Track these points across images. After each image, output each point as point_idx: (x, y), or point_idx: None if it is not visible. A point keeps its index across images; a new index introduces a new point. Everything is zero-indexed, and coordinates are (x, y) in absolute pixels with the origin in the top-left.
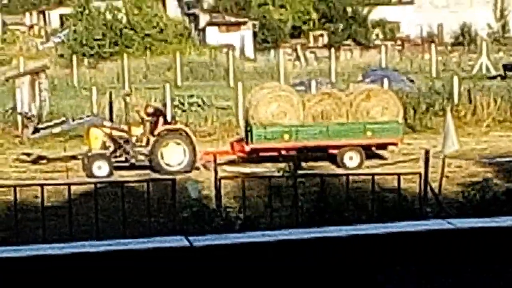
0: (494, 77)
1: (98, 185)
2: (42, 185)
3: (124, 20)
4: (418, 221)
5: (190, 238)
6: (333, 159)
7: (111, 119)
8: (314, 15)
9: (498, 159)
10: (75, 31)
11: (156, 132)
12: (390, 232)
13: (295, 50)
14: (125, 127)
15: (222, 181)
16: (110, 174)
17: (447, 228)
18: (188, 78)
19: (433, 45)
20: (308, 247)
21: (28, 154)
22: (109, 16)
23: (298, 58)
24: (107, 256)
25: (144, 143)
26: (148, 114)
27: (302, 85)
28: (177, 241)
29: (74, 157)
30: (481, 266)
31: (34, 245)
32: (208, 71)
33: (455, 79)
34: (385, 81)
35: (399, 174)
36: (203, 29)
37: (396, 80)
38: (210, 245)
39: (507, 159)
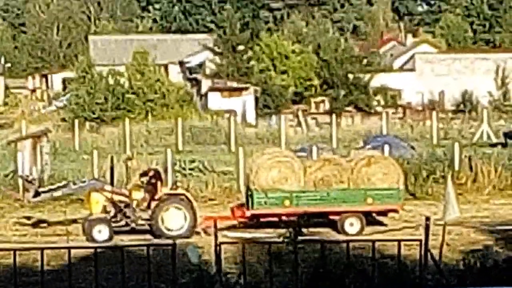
0: (495, 145)
1: (98, 249)
2: (42, 249)
3: (126, 85)
4: None
5: None
6: (333, 225)
7: (112, 183)
8: (316, 81)
9: (499, 227)
10: (77, 95)
11: (156, 197)
12: None
13: (297, 116)
14: (126, 192)
15: (223, 246)
16: (110, 238)
17: None
18: (190, 143)
19: (434, 112)
20: None
21: (29, 218)
22: (111, 81)
23: (299, 124)
24: None
25: (144, 208)
26: (143, 176)
27: (303, 151)
28: None
29: (74, 221)
30: None
31: None
32: (209, 136)
33: (456, 146)
34: (386, 147)
35: (399, 241)
36: (205, 94)
37: (397, 146)
38: None
39: (508, 227)
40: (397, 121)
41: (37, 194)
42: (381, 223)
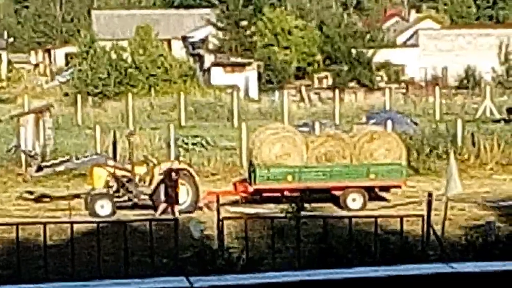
0: (498, 121)
1: (101, 224)
2: (44, 224)
3: (129, 60)
4: (420, 264)
5: (191, 278)
6: (336, 201)
7: (114, 158)
8: (319, 57)
9: (501, 203)
10: (80, 70)
11: (159, 172)
12: (392, 275)
13: (300, 91)
14: (129, 167)
15: (225, 222)
16: (113, 213)
17: (449, 272)
18: (192, 118)
19: (437, 88)
20: None
21: (31, 192)
22: (114, 56)
23: (302, 99)
24: None
25: (147, 183)
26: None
27: (306, 127)
28: (178, 281)
29: (77, 196)
30: None
31: (36, 284)
32: (212, 111)
33: (459, 122)
34: (389, 123)
35: (402, 217)
36: (208, 70)
37: (400, 122)
38: (211, 286)
39: (510, 202)
40: (400, 96)
41: (39, 168)
42: (383, 199)
